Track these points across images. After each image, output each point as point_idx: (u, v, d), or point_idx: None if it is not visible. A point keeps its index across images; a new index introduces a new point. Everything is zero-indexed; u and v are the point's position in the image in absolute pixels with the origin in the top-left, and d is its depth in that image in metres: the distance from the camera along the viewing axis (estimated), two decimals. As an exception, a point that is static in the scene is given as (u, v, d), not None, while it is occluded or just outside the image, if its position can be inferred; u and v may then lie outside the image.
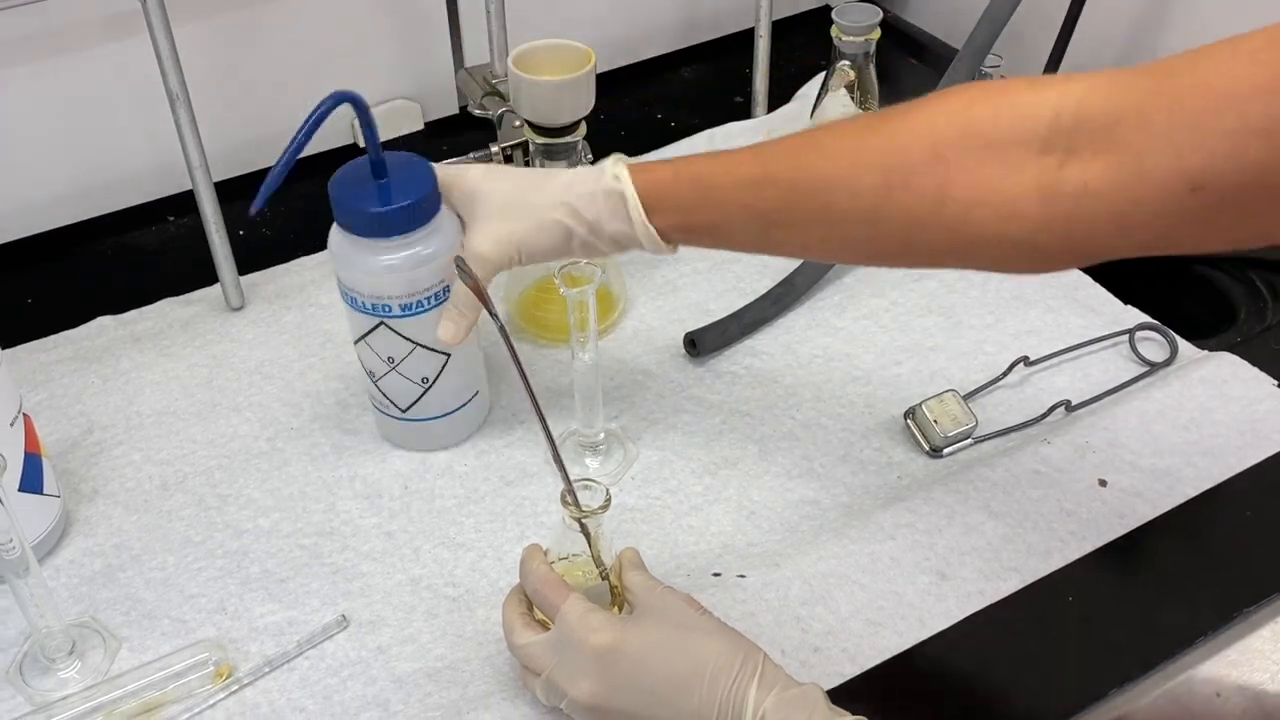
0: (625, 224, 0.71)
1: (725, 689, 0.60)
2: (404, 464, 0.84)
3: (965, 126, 0.60)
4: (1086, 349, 0.90)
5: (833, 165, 0.64)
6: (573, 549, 0.68)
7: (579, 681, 0.62)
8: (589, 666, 0.62)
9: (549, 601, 0.65)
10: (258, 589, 0.75)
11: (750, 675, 0.60)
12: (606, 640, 0.62)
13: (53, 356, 0.92)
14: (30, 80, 0.95)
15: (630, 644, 0.62)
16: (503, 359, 0.90)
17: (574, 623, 0.63)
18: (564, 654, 0.63)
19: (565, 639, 0.63)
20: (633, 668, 0.62)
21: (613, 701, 0.62)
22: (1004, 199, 0.59)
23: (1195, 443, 0.82)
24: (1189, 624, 0.72)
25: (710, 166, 0.70)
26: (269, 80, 1.04)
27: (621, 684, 0.62)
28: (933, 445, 0.83)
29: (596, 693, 0.62)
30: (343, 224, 0.75)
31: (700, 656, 0.61)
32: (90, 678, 0.71)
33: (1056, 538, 0.76)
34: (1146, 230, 0.57)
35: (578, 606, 0.63)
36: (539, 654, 0.64)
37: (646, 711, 0.61)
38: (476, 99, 0.97)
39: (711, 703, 0.60)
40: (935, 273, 0.98)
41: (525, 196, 0.73)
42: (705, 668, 0.61)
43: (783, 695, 0.60)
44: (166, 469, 0.84)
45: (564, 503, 0.66)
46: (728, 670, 0.60)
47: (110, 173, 1.02)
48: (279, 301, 0.97)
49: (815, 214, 0.65)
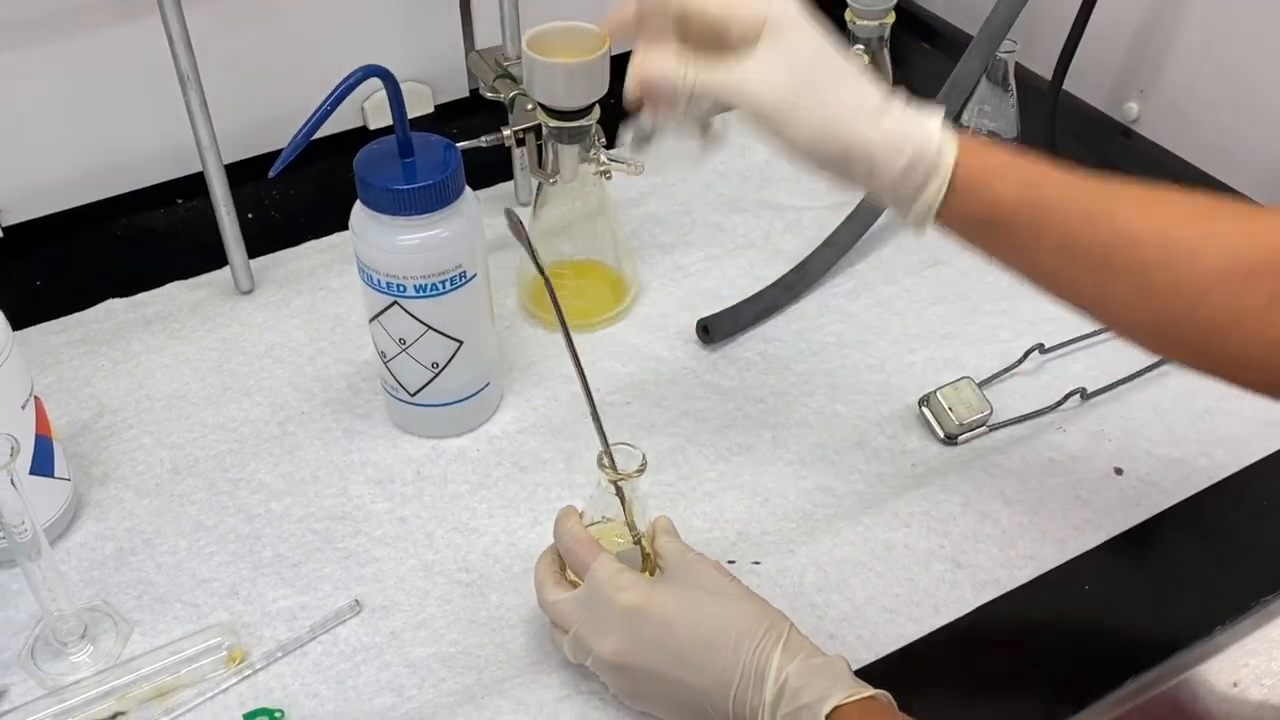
0: (908, 187, 0.62)
1: (749, 653, 0.60)
2: (416, 449, 0.83)
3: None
4: (1102, 337, 0.90)
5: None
6: (607, 513, 0.68)
7: (605, 639, 0.63)
8: (616, 624, 0.63)
9: (580, 560, 0.65)
10: (270, 573, 0.75)
11: (774, 642, 0.61)
12: (634, 599, 0.62)
13: (62, 339, 0.92)
14: (40, 62, 0.94)
15: (657, 605, 0.62)
16: (515, 351, 0.90)
17: (603, 581, 0.63)
18: (592, 611, 0.64)
19: (594, 597, 0.64)
20: (658, 628, 0.62)
21: (638, 660, 0.62)
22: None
23: (1211, 432, 0.82)
24: (1205, 613, 0.72)
25: (1053, 178, 0.63)
26: (278, 62, 1.04)
27: (647, 643, 0.62)
28: (947, 433, 0.83)
29: (622, 650, 0.63)
30: (365, 200, 0.75)
31: (726, 620, 0.62)
32: (102, 662, 0.71)
33: (1072, 526, 0.76)
34: None
35: (608, 566, 0.64)
36: (568, 611, 0.65)
37: (670, 672, 0.62)
38: (488, 81, 0.96)
39: (735, 666, 0.60)
40: (949, 259, 0.97)
41: (819, 92, 0.62)
42: (730, 631, 0.61)
43: (806, 663, 0.60)
44: (177, 453, 0.83)
45: (601, 465, 0.66)
46: (752, 635, 0.61)
47: (119, 155, 1.01)
48: (289, 285, 0.96)
49: (1129, 274, 0.61)
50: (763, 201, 1.04)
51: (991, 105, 1.08)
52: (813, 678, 0.59)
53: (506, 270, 0.96)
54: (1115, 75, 1.14)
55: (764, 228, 1.02)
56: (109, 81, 0.98)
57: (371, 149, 0.76)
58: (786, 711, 0.59)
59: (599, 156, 0.88)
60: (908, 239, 1.00)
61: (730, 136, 0.68)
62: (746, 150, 1.09)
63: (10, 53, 0.93)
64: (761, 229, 1.02)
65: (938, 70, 1.00)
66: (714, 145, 0.68)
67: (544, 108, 0.86)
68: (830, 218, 1.00)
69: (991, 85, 1.07)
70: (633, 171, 0.87)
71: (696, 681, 0.62)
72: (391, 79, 0.72)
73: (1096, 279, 0.62)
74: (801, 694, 0.59)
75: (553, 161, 0.89)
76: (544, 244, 0.92)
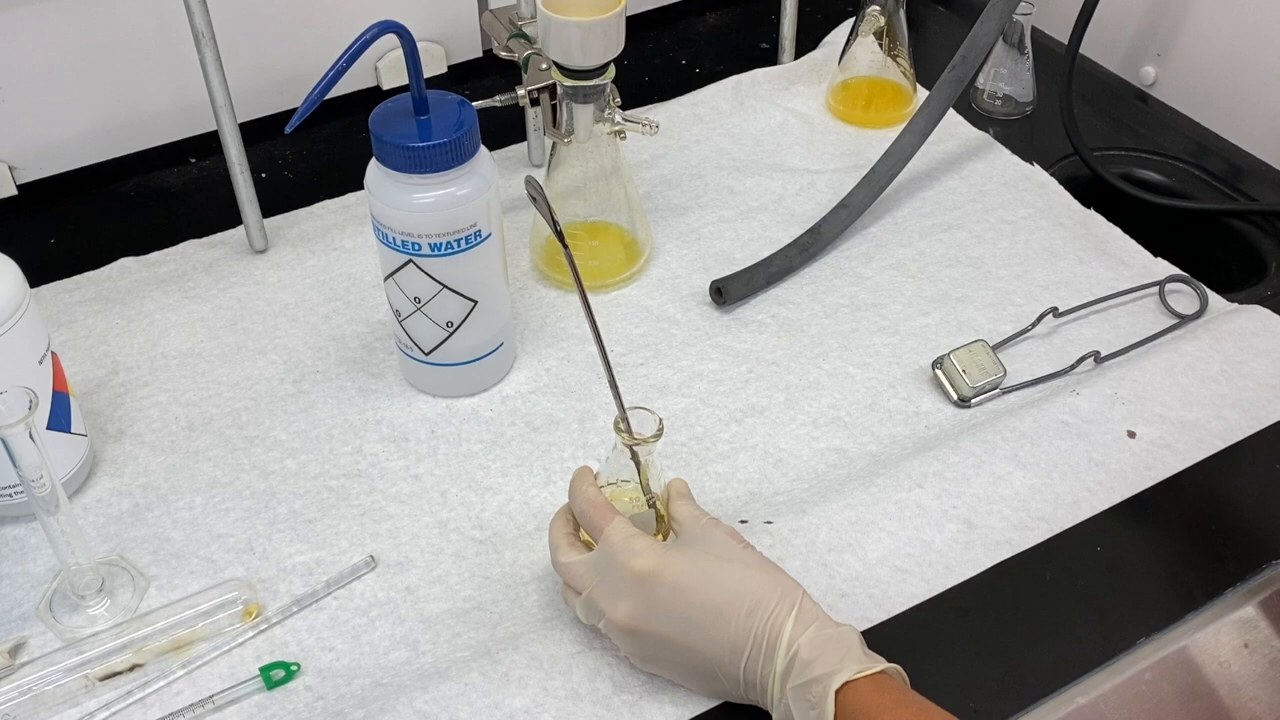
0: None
1: (761, 621, 0.61)
2: (430, 408, 0.83)
3: None
4: (1116, 300, 0.90)
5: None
6: (622, 475, 0.69)
7: (618, 603, 0.63)
8: (629, 589, 0.63)
9: (594, 523, 0.65)
10: (285, 529, 0.76)
11: (787, 610, 0.61)
12: (647, 565, 0.63)
13: (76, 297, 0.92)
14: (55, 19, 0.94)
15: (670, 570, 0.63)
16: (528, 311, 0.91)
17: (617, 545, 0.64)
18: (605, 575, 0.64)
19: (607, 560, 0.64)
20: (671, 594, 0.62)
21: (649, 625, 0.63)
22: None
23: (1224, 395, 0.82)
24: (1216, 575, 0.72)
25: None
26: (292, 21, 1.03)
27: (659, 608, 0.62)
28: (961, 395, 0.83)
29: (634, 615, 0.63)
30: (380, 157, 0.75)
31: (739, 587, 0.62)
32: (119, 615, 0.71)
33: (1084, 488, 0.76)
34: None
35: (622, 530, 0.64)
36: (581, 573, 0.65)
37: (682, 637, 0.62)
38: (502, 41, 0.96)
39: (746, 633, 0.61)
40: (964, 223, 0.97)
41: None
42: (743, 599, 0.61)
43: (819, 633, 0.60)
44: (192, 410, 0.84)
45: (617, 429, 0.66)
46: (765, 603, 0.61)
47: (133, 113, 1.01)
48: (303, 245, 0.96)
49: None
50: (776, 165, 1.04)
51: (1007, 69, 1.08)
52: (825, 650, 0.59)
53: (520, 231, 0.96)
54: (1132, 39, 1.13)
55: (777, 190, 1.01)
56: (123, 39, 0.98)
57: (387, 106, 0.75)
58: (797, 684, 0.59)
59: (614, 116, 0.87)
60: (923, 202, 1.00)
61: None
62: (759, 114, 1.09)
63: (24, 9, 0.93)
64: (775, 192, 1.01)
65: (954, 33, 1.00)
66: None
67: (559, 67, 0.85)
68: (844, 180, 0.99)
69: (1008, 48, 1.07)
70: (648, 132, 0.87)
71: (708, 648, 0.62)
72: (408, 35, 0.71)
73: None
74: (813, 666, 0.59)
75: (567, 121, 0.89)
76: (558, 205, 0.92)
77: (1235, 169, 1.03)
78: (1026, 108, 1.09)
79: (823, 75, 1.12)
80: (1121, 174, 1.02)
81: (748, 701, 0.64)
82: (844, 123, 1.08)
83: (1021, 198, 1.00)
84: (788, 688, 0.60)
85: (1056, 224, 0.97)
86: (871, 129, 1.07)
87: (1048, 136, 1.06)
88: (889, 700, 0.58)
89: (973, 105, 1.10)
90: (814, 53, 1.16)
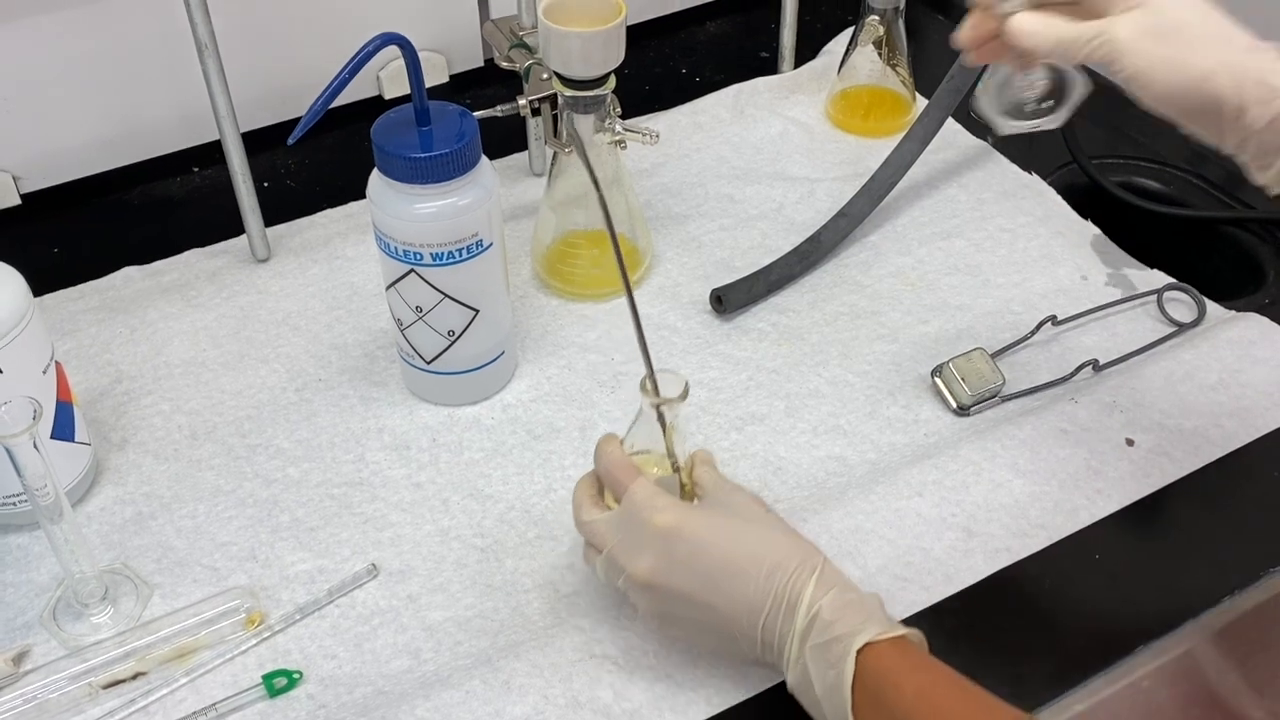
0: (1275, 139, 0.61)
1: (782, 582, 0.61)
2: (431, 417, 0.84)
3: None
4: (1114, 309, 0.90)
5: None
6: (647, 443, 0.68)
7: (638, 558, 0.63)
8: (650, 544, 0.63)
9: (618, 482, 0.65)
10: (288, 537, 0.76)
11: (809, 573, 0.61)
12: (669, 520, 0.63)
13: (79, 306, 0.92)
14: (58, 28, 0.95)
15: (692, 527, 0.63)
16: (529, 320, 0.91)
17: (639, 502, 0.64)
18: (627, 532, 0.64)
19: (629, 517, 0.64)
20: (692, 550, 0.62)
21: (669, 581, 0.63)
22: None
23: (1223, 403, 0.82)
24: (1215, 583, 0.72)
25: None
26: (294, 31, 1.04)
27: (679, 565, 0.62)
28: (960, 403, 0.83)
29: (654, 570, 0.63)
30: (382, 168, 0.75)
31: (760, 548, 0.62)
32: (123, 623, 0.71)
33: (1083, 496, 0.77)
34: None
35: (645, 488, 0.64)
36: (603, 531, 0.65)
37: (701, 595, 0.62)
38: (503, 51, 0.96)
39: (766, 593, 0.61)
40: (963, 231, 0.98)
41: (1184, 46, 0.62)
42: (764, 559, 0.61)
43: (841, 597, 0.60)
44: (195, 419, 0.84)
45: (643, 390, 0.66)
46: (786, 565, 0.61)
47: (136, 123, 1.02)
48: (305, 254, 0.97)
49: None
50: (776, 173, 1.05)
51: (1006, 77, 1.08)
52: (846, 612, 0.59)
53: (521, 240, 0.96)
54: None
55: (777, 199, 1.02)
56: (126, 50, 0.98)
57: (389, 117, 0.76)
58: (817, 643, 0.59)
59: (614, 126, 0.88)
60: (922, 211, 1.00)
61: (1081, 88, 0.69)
62: (759, 123, 1.10)
63: (27, 20, 0.93)
64: (775, 200, 1.02)
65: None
66: (1072, 98, 0.69)
67: (559, 77, 0.86)
68: (844, 189, 1.00)
69: (1006, 57, 1.07)
70: (648, 141, 0.87)
71: (726, 607, 0.62)
72: (409, 47, 0.72)
73: None
74: (834, 627, 0.59)
75: (568, 131, 0.89)
76: (558, 214, 0.92)
77: (1233, 177, 1.03)
78: (1025, 116, 1.10)
79: (822, 84, 1.13)
80: (1120, 182, 1.02)
81: (763, 663, 0.64)
82: (843, 131, 1.09)
83: (1020, 206, 1.00)
84: (807, 647, 0.60)
85: (1055, 232, 0.97)
86: (871, 138, 1.07)
87: (1046, 145, 1.06)
88: (909, 663, 0.59)
89: (972, 114, 1.09)
90: (813, 62, 1.16)
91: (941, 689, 0.59)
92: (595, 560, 0.67)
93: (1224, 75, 0.61)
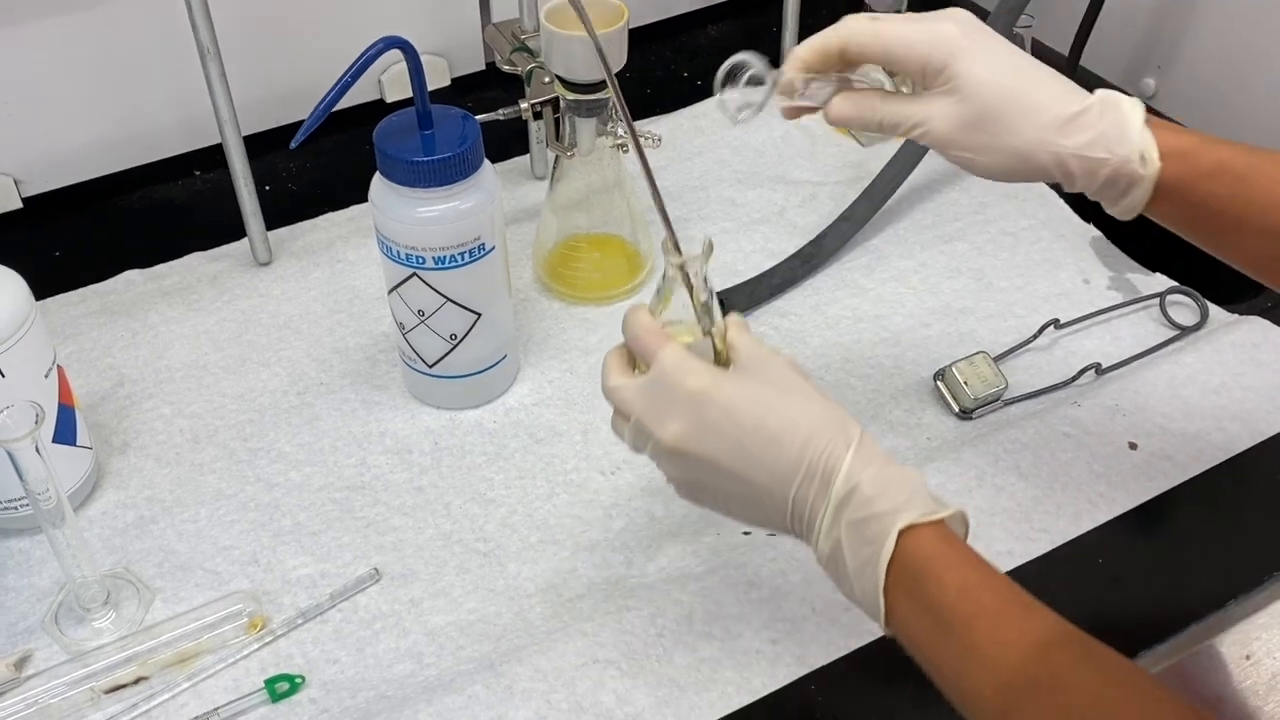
0: (1111, 195, 0.64)
1: (816, 451, 0.58)
2: (433, 420, 0.84)
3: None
4: (1117, 312, 0.90)
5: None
6: (676, 314, 0.65)
7: (667, 422, 0.60)
8: (679, 408, 0.60)
9: (648, 348, 0.62)
10: (290, 542, 0.76)
11: (845, 445, 0.58)
12: (701, 384, 0.59)
13: (81, 310, 0.92)
14: (59, 32, 0.95)
15: (724, 391, 0.59)
16: (531, 324, 0.91)
17: (669, 366, 0.60)
18: (655, 397, 0.61)
19: (659, 381, 0.61)
20: (723, 415, 0.59)
21: (699, 447, 0.59)
22: None
23: (1225, 407, 0.82)
24: (1218, 587, 0.72)
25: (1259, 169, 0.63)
26: (295, 35, 1.04)
27: (709, 430, 0.59)
28: (963, 407, 0.83)
29: (683, 435, 0.60)
30: (384, 172, 0.75)
31: (795, 415, 0.59)
32: (125, 628, 0.71)
33: (1086, 500, 0.76)
34: None
35: (676, 351, 0.61)
36: (630, 397, 0.62)
37: (730, 463, 0.59)
38: (505, 55, 0.96)
39: (799, 463, 0.58)
40: (965, 235, 0.98)
41: (1002, 125, 0.63)
42: (799, 428, 0.58)
43: (883, 471, 0.57)
44: (197, 422, 0.84)
45: (665, 250, 0.63)
46: (821, 435, 0.58)
47: (137, 126, 1.02)
48: (306, 258, 0.97)
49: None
50: (778, 176, 1.05)
51: (1008, 81, 1.08)
52: (889, 487, 0.56)
53: (523, 244, 0.96)
54: (1133, 51, 1.13)
55: (779, 202, 1.02)
56: (127, 53, 0.98)
57: (391, 121, 0.76)
58: (854, 518, 0.56)
59: (616, 130, 0.88)
60: (924, 214, 1.00)
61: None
62: (761, 126, 1.10)
63: (29, 23, 0.93)
64: (777, 204, 1.02)
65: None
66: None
67: (562, 81, 0.86)
68: (845, 192, 1.00)
69: (1008, 60, 1.07)
70: (650, 145, 0.87)
71: (758, 476, 0.59)
72: (412, 50, 0.72)
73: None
74: (875, 502, 0.56)
75: (570, 135, 0.89)
76: (560, 217, 0.92)
77: (1235, 180, 1.03)
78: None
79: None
80: (1122, 185, 1.02)
81: (789, 534, 0.60)
82: (845, 135, 1.09)
83: (1022, 209, 1.00)
84: (843, 521, 0.57)
85: (1057, 235, 0.97)
86: (873, 141, 1.07)
87: (1048, 148, 1.06)
88: (955, 556, 0.56)
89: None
90: (815, 65, 1.16)
91: (987, 590, 0.55)
92: (623, 428, 0.63)
93: (1043, 154, 0.63)
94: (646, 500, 0.78)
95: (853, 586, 0.58)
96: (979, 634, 0.54)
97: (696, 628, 0.70)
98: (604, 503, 0.78)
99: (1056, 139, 0.62)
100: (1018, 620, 0.55)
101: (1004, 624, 0.55)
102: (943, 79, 0.64)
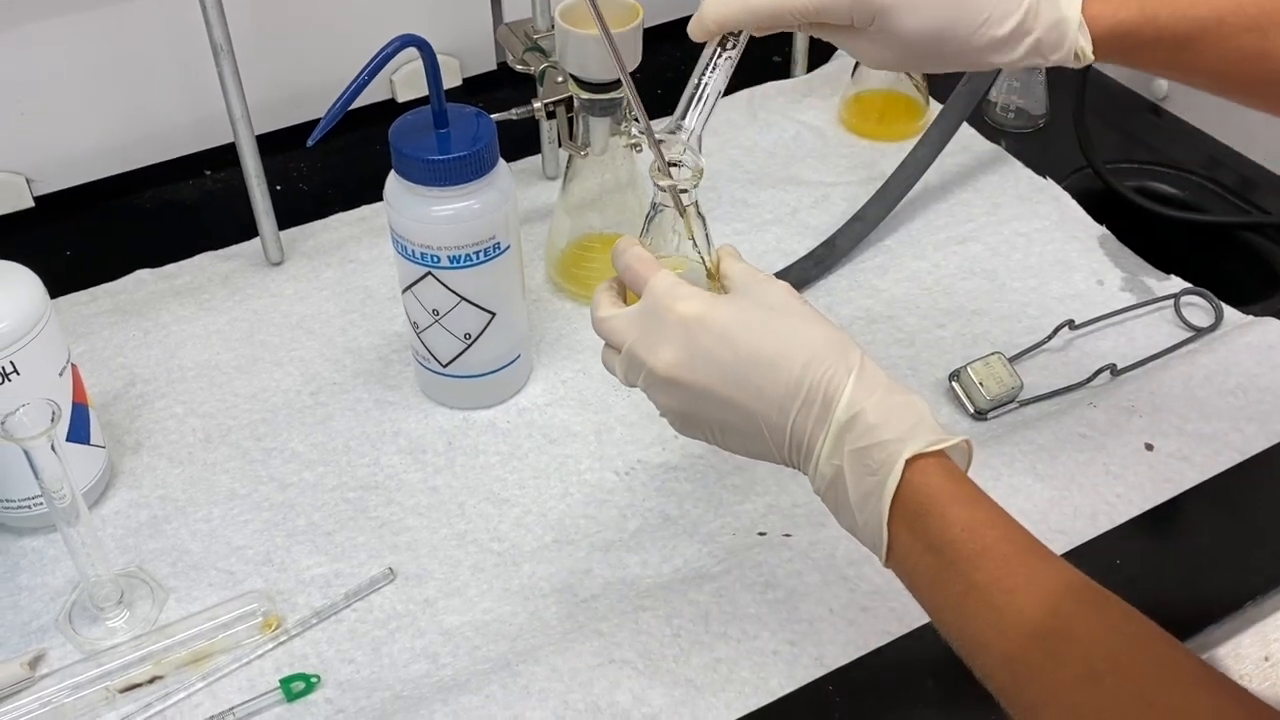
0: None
1: (816, 377, 0.55)
2: (447, 420, 0.84)
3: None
4: (1131, 313, 0.90)
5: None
6: (665, 249, 0.64)
7: (659, 350, 0.58)
8: (672, 335, 0.58)
9: (639, 276, 0.60)
10: (304, 541, 0.76)
11: (846, 371, 0.55)
12: (694, 309, 0.57)
13: (92, 309, 0.92)
14: (72, 31, 0.95)
15: (719, 316, 0.57)
16: (544, 324, 0.91)
17: (661, 292, 0.58)
18: (647, 325, 0.59)
19: (651, 309, 0.59)
20: (717, 340, 0.57)
21: (692, 374, 0.57)
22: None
23: (1241, 408, 0.82)
24: (1236, 588, 0.72)
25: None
26: (308, 34, 1.03)
27: (703, 356, 0.57)
28: (978, 408, 0.83)
29: (676, 362, 0.57)
30: (400, 170, 0.75)
31: (793, 339, 0.57)
32: (139, 627, 0.71)
33: (1103, 501, 0.76)
34: None
35: (667, 278, 0.59)
36: (622, 327, 0.60)
37: (725, 389, 0.57)
38: (517, 54, 0.96)
39: (798, 388, 0.55)
40: (979, 235, 0.97)
41: (942, 57, 0.63)
42: (797, 351, 0.56)
43: (887, 397, 0.55)
44: (209, 422, 0.84)
45: (653, 174, 0.61)
46: (821, 359, 0.56)
47: (149, 126, 1.02)
48: (318, 257, 0.96)
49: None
50: (790, 177, 1.04)
51: (1020, 82, 1.08)
52: (893, 415, 0.54)
53: (536, 244, 0.96)
54: (1144, 52, 1.13)
55: (791, 203, 1.02)
56: (139, 53, 0.98)
57: (406, 120, 0.76)
58: (857, 447, 0.54)
59: (629, 129, 0.88)
60: (937, 215, 1.00)
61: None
62: (773, 127, 1.09)
63: (41, 22, 0.93)
64: (789, 204, 1.01)
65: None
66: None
67: (576, 80, 0.86)
68: (858, 193, 1.00)
69: (1021, 61, 1.07)
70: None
71: (754, 403, 0.56)
72: (428, 49, 0.72)
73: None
74: (879, 430, 0.54)
75: (583, 134, 0.89)
76: (573, 217, 0.92)
77: (1248, 182, 1.03)
78: (1039, 121, 1.10)
79: (835, 88, 1.12)
80: (1135, 187, 1.02)
81: (787, 464, 0.58)
82: (857, 136, 1.09)
83: (1036, 210, 1.00)
84: (845, 449, 0.55)
85: (1070, 236, 0.97)
86: (884, 142, 1.07)
87: (1061, 150, 1.06)
88: (962, 492, 0.54)
89: (985, 119, 1.10)
90: (826, 66, 1.16)
91: (993, 530, 0.54)
92: (614, 360, 0.61)
93: (976, 68, 0.64)
94: (661, 500, 0.78)
95: (854, 517, 0.56)
96: (984, 575, 0.53)
97: (713, 628, 0.69)
98: (618, 503, 0.78)
99: (990, 58, 0.62)
100: (1026, 564, 0.53)
101: (1012, 568, 0.53)
102: (874, 28, 0.62)
